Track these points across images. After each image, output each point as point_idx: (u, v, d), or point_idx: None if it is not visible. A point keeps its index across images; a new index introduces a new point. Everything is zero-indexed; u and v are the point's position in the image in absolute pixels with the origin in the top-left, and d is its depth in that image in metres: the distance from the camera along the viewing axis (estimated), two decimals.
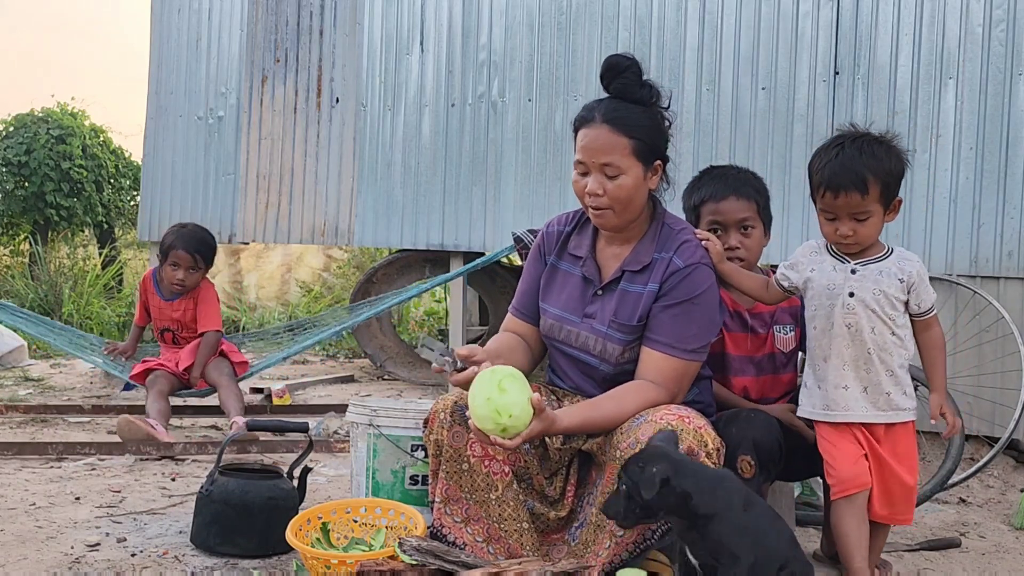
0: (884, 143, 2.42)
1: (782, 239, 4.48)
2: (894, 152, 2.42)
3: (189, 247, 4.59)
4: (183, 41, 6.59)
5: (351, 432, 2.98)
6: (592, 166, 2.39)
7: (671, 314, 2.41)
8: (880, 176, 2.37)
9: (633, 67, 2.42)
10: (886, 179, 2.38)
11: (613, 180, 2.38)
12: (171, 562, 2.66)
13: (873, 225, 2.42)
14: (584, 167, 2.42)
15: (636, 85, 2.41)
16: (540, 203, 5.31)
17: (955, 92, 4.26)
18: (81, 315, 8.41)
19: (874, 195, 2.38)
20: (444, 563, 2.29)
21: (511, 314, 2.69)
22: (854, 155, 2.38)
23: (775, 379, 2.78)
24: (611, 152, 2.37)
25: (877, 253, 2.48)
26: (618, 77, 2.42)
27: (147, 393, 4.40)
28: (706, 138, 4.82)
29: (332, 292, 10.59)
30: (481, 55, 5.55)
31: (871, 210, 2.39)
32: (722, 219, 2.71)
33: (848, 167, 2.37)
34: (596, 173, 2.39)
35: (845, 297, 2.43)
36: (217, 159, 6.43)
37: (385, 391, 5.99)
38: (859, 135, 2.44)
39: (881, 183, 2.38)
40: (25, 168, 10.80)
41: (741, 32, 4.76)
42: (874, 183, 2.37)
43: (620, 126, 2.38)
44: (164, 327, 4.75)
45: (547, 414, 2.23)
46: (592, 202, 2.41)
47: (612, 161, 2.37)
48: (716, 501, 2.07)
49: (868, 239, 2.44)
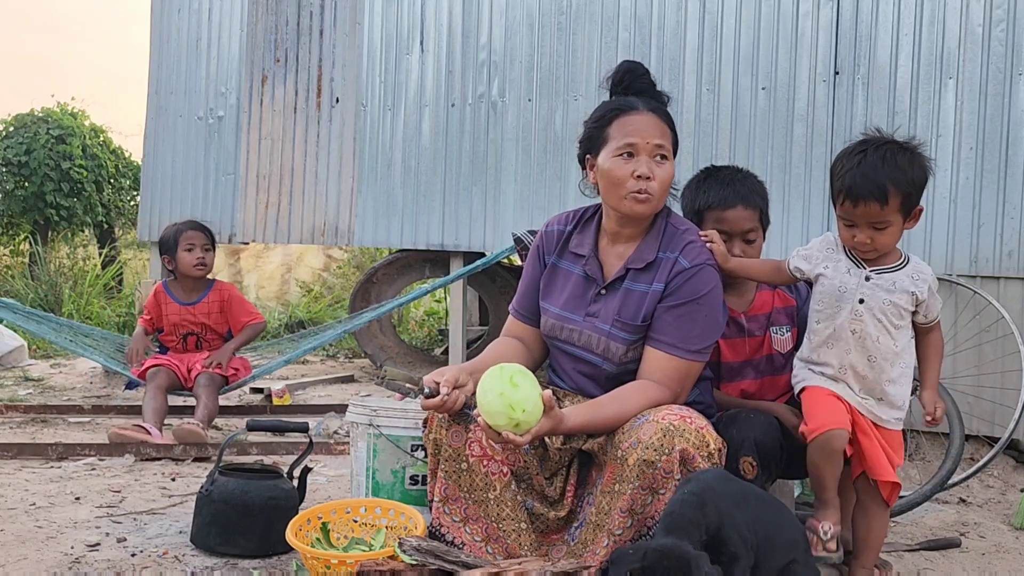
0: (908, 151, 2.37)
1: (782, 239, 4.48)
2: (918, 161, 2.36)
3: (196, 226, 4.65)
4: (183, 41, 6.60)
5: (351, 432, 2.98)
6: (645, 148, 2.41)
7: (675, 314, 2.41)
8: (901, 187, 2.33)
9: (648, 73, 2.55)
10: (908, 189, 2.34)
11: (661, 165, 2.42)
12: (171, 562, 2.66)
13: (891, 234, 2.39)
14: (634, 149, 2.42)
15: (654, 88, 2.53)
16: (540, 203, 5.31)
17: (955, 92, 4.26)
18: (81, 315, 8.41)
19: (894, 205, 2.34)
20: (444, 563, 2.29)
21: (512, 315, 2.69)
22: (876, 164, 2.33)
23: (774, 380, 2.78)
24: (663, 136, 2.44)
25: (893, 261, 2.45)
26: (638, 80, 2.53)
27: (145, 388, 4.37)
28: (706, 138, 4.82)
29: (332, 292, 10.60)
30: (481, 55, 5.55)
31: (890, 220, 2.36)
32: (728, 228, 2.69)
33: (869, 177, 2.33)
34: (647, 157, 2.41)
35: (855, 303, 2.42)
36: (217, 159, 6.43)
37: (385, 391, 5.97)
38: (884, 142, 2.38)
39: (903, 193, 2.34)
40: (25, 168, 10.80)
41: (741, 32, 4.76)
42: (895, 194, 2.33)
43: (663, 117, 2.48)
44: (188, 331, 4.68)
45: (556, 412, 2.25)
46: (643, 185, 2.41)
47: (665, 144, 2.44)
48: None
49: (886, 247, 2.41)
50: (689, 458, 2.23)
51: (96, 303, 8.63)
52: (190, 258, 4.56)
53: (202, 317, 4.65)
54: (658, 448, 2.23)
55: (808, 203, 4.55)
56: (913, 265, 2.46)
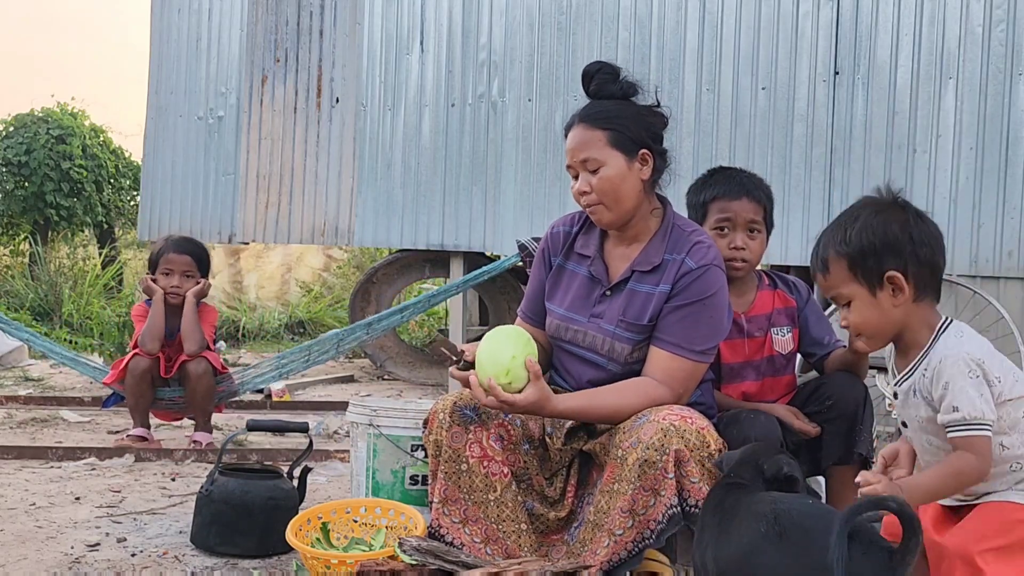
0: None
1: (782, 239, 4.48)
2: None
3: (183, 248, 4.27)
4: (183, 41, 6.60)
5: (351, 432, 2.98)
6: (576, 165, 2.45)
7: (681, 314, 2.41)
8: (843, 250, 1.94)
9: (605, 68, 2.50)
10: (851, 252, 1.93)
11: (595, 174, 2.43)
12: (171, 562, 2.66)
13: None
14: (573, 170, 2.48)
15: (609, 83, 2.49)
16: (540, 203, 5.31)
17: (955, 92, 4.26)
18: (81, 315, 8.41)
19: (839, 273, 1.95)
20: (444, 563, 2.29)
21: (519, 318, 2.71)
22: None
23: (775, 381, 2.77)
24: (588, 147, 2.43)
25: (916, 355, 1.93)
26: (592, 81, 2.50)
27: (126, 383, 4.09)
28: (706, 138, 4.82)
29: (332, 292, 10.60)
30: (481, 55, 5.55)
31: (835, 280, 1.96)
32: (732, 216, 2.69)
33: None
34: (582, 172, 2.44)
35: (901, 427, 2.00)
36: (217, 159, 6.43)
37: (385, 391, 5.99)
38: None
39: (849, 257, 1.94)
40: (25, 168, 10.81)
41: (741, 32, 4.76)
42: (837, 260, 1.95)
43: (594, 120, 2.45)
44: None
45: (544, 385, 2.29)
46: (583, 200, 2.45)
47: (590, 155, 2.43)
48: None
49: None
50: (684, 460, 2.23)
51: (96, 303, 8.62)
52: (165, 283, 4.18)
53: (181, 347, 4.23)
54: (659, 448, 2.23)
55: (808, 203, 4.56)
56: (935, 352, 1.90)
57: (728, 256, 2.63)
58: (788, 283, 2.81)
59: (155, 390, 4.17)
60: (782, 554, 1.72)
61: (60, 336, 7.42)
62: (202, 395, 4.12)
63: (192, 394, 4.12)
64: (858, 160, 4.51)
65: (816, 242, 2.01)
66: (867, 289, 1.93)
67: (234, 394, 4.45)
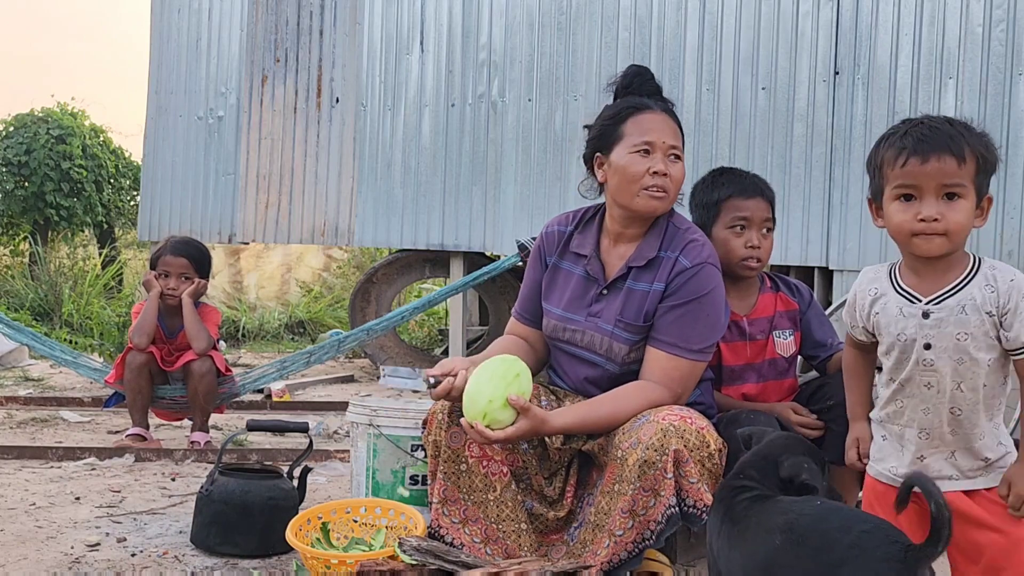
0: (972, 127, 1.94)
1: (782, 239, 4.48)
2: (987, 138, 1.92)
3: (181, 249, 4.25)
4: (183, 41, 6.60)
5: (351, 432, 2.98)
6: (661, 147, 2.44)
7: (676, 314, 2.41)
8: (977, 148, 1.86)
9: (654, 78, 2.61)
10: (984, 154, 1.87)
11: (675, 164, 2.46)
12: (171, 562, 2.66)
13: (964, 211, 1.84)
14: (651, 147, 2.44)
15: (660, 92, 2.59)
16: (540, 203, 5.31)
17: (955, 92, 4.26)
18: (81, 315, 8.41)
19: (971, 167, 1.84)
20: (444, 563, 2.29)
21: (514, 318, 2.70)
22: (943, 123, 1.89)
23: (777, 384, 2.76)
24: (676, 137, 2.48)
25: (957, 276, 1.87)
26: (646, 84, 2.58)
27: (124, 378, 4.09)
28: (706, 138, 4.82)
29: (332, 292, 10.59)
30: (481, 55, 5.55)
31: (965, 186, 1.84)
32: (749, 215, 2.68)
33: (941, 131, 1.86)
34: (663, 155, 2.44)
35: (920, 351, 1.87)
36: (217, 159, 6.44)
37: (385, 391, 5.99)
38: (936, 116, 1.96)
39: (978, 155, 1.85)
40: (25, 168, 10.81)
41: (741, 32, 4.77)
42: (970, 153, 1.84)
43: (675, 119, 2.52)
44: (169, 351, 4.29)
45: (535, 413, 2.26)
46: (659, 181, 2.43)
47: (678, 144, 2.48)
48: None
49: (958, 232, 1.84)
50: (683, 460, 2.23)
51: (96, 303, 8.62)
52: (162, 285, 4.17)
53: (183, 346, 4.22)
54: (658, 448, 2.23)
55: (808, 203, 4.56)
56: (986, 270, 1.86)
57: (744, 255, 2.62)
58: (790, 286, 2.80)
59: (155, 387, 4.17)
60: (802, 559, 1.72)
61: (60, 336, 7.42)
62: (203, 395, 4.11)
63: (193, 393, 4.12)
64: (858, 160, 4.51)
65: (914, 128, 1.88)
66: (976, 198, 1.87)
67: (235, 396, 4.45)
